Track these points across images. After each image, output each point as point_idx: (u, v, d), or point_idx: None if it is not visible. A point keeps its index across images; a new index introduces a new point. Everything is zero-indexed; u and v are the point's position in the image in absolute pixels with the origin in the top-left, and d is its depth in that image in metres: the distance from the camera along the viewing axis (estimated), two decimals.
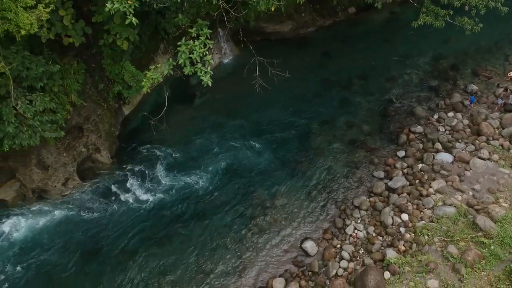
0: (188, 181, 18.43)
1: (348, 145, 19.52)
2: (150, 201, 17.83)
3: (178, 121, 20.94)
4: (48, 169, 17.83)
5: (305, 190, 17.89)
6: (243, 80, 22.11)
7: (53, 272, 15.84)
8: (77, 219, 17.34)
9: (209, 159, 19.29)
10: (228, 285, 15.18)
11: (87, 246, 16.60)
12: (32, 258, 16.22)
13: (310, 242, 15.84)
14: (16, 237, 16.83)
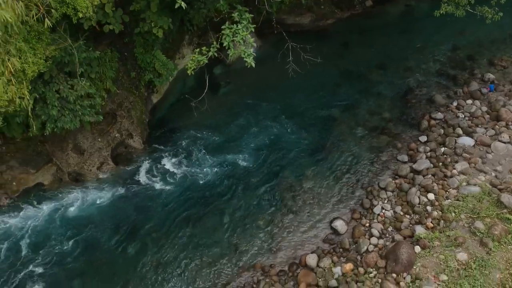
0: (216, 165, 19.08)
1: (371, 131, 20.18)
2: (181, 183, 18.48)
3: (200, 111, 21.63)
4: (84, 154, 18.50)
5: (331, 173, 18.52)
6: (266, 69, 23.04)
7: (90, 251, 16.48)
8: (111, 201, 17.99)
9: (236, 144, 19.94)
10: (262, 261, 15.82)
11: (122, 226, 17.25)
12: (68, 238, 16.85)
13: (339, 221, 16.50)
14: (53, 218, 17.49)
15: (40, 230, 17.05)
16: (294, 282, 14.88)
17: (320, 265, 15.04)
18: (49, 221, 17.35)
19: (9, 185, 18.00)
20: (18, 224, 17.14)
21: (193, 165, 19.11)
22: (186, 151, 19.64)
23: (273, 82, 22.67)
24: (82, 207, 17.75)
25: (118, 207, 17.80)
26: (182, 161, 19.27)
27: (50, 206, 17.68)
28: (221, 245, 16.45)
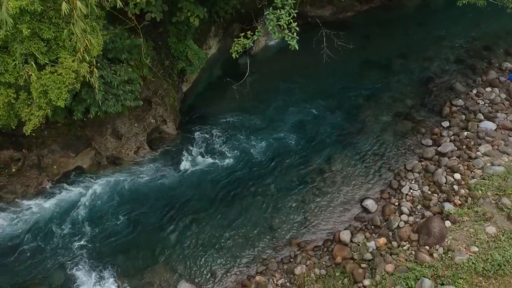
0: (247, 148, 19.87)
1: (395, 117, 20.97)
2: (214, 166, 19.26)
3: (230, 96, 22.46)
4: (121, 138, 19.28)
5: (359, 157, 19.31)
6: (288, 59, 23.89)
7: (130, 229, 17.27)
8: (148, 183, 18.76)
9: (264, 129, 20.75)
10: (297, 238, 16.61)
11: (159, 207, 18.02)
12: (108, 217, 17.63)
13: (369, 200, 17.29)
14: (93, 199, 18.26)
15: (81, 211, 17.83)
16: (329, 257, 15.65)
17: (354, 240, 15.81)
18: (89, 202, 18.11)
19: (50, 168, 18.78)
20: (60, 205, 17.92)
21: (224, 149, 19.89)
22: (216, 136, 20.42)
23: (295, 70, 23.52)
24: (120, 189, 18.51)
25: (154, 189, 18.57)
26: (213, 146, 20.06)
27: (89, 189, 18.45)
28: (257, 224, 17.23)
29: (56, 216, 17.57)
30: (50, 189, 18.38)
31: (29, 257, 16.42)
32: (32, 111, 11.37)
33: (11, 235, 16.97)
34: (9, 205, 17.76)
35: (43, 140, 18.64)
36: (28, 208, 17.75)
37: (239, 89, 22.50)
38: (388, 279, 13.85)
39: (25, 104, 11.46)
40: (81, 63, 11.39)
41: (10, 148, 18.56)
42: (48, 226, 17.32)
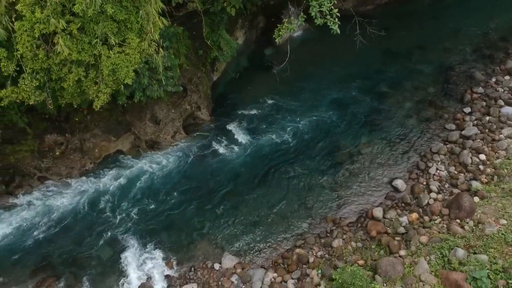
0: (277, 132, 20.83)
1: (418, 104, 21.89)
2: (247, 149, 20.22)
3: (259, 85, 23.48)
4: (159, 124, 20.22)
5: (385, 141, 20.22)
6: (310, 49, 24.85)
7: (169, 209, 18.20)
8: (184, 165, 19.71)
9: (292, 115, 21.68)
10: (330, 214, 17.52)
11: (196, 187, 18.95)
12: (147, 198, 18.58)
13: (399, 180, 18.21)
14: (133, 181, 19.18)
15: (123, 191, 18.78)
16: (364, 232, 16.57)
17: (386, 216, 16.74)
18: (130, 184, 19.06)
19: (91, 151, 19.75)
20: (103, 186, 18.88)
21: (255, 133, 20.85)
22: (247, 121, 21.38)
23: (319, 60, 24.52)
24: (159, 172, 19.47)
25: (191, 171, 19.52)
26: (245, 130, 21.00)
27: (130, 171, 19.42)
28: (291, 203, 18.15)
29: (99, 196, 18.53)
30: (93, 171, 19.37)
31: (77, 233, 17.38)
32: (100, 89, 12.26)
33: (59, 213, 17.95)
34: (55, 186, 18.74)
35: (86, 124, 19.59)
36: (73, 188, 18.74)
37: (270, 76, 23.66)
38: (423, 249, 14.76)
39: (93, 82, 12.37)
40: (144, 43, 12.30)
41: (54, 132, 19.52)
42: (93, 205, 18.29)
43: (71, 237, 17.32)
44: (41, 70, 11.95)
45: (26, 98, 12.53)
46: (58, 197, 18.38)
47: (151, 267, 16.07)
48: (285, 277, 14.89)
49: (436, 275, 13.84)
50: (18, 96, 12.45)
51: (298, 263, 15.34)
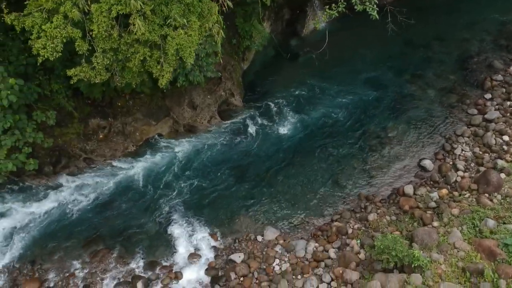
0: (306, 117, 21.96)
1: (440, 91, 22.96)
2: (279, 132, 21.32)
3: (286, 73, 24.59)
4: (197, 109, 21.29)
5: (411, 125, 21.28)
6: (337, 40, 25.78)
7: (209, 188, 19.18)
8: (220, 148, 20.73)
9: (320, 101, 22.78)
10: (363, 192, 18.56)
11: (233, 168, 19.96)
12: (186, 177, 19.56)
13: (426, 160, 19.27)
14: (172, 162, 20.19)
15: (164, 171, 19.82)
16: (396, 207, 17.61)
17: (417, 193, 17.79)
18: (170, 165, 20.10)
19: (133, 135, 20.81)
20: (145, 167, 19.91)
21: (286, 117, 21.94)
22: (277, 107, 22.46)
23: (343, 51, 25.56)
24: (197, 153, 20.51)
25: (226, 152, 20.58)
26: (276, 115, 22.09)
27: (169, 153, 20.48)
28: (324, 182, 19.19)
29: (142, 176, 19.58)
30: (135, 153, 20.43)
31: (124, 210, 18.41)
32: (164, 68, 13.31)
33: (104, 192, 18.99)
34: (100, 166, 19.80)
35: (128, 109, 20.66)
36: (117, 168, 19.78)
37: (296, 65, 24.76)
38: (454, 220, 15.82)
39: (156, 61, 13.41)
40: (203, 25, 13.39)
41: (97, 117, 20.59)
42: (136, 184, 19.34)
43: (118, 213, 18.34)
44: (110, 50, 13.01)
45: (93, 77, 13.57)
46: (103, 177, 19.40)
47: (198, 240, 17.08)
48: (326, 247, 15.93)
49: (469, 243, 14.89)
50: (86, 75, 13.50)
51: (338, 234, 16.38)
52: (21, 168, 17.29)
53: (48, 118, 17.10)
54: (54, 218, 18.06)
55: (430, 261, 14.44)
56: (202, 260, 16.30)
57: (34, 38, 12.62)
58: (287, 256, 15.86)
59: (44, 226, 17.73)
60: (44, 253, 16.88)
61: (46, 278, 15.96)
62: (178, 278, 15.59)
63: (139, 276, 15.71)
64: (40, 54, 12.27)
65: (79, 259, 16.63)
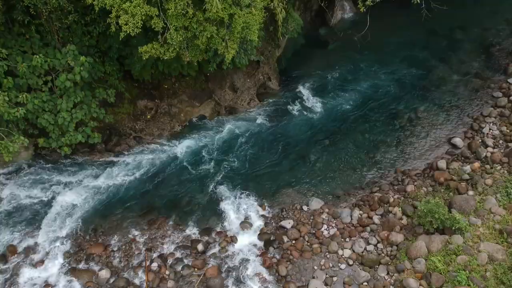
0: (340, 99, 23.26)
1: (464, 75, 24.21)
2: (316, 113, 22.61)
3: (317, 59, 25.88)
4: (237, 91, 22.57)
5: (439, 107, 22.52)
6: (362, 29, 27.00)
7: (252, 164, 20.37)
8: (261, 127, 21.97)
9: (351, 85, 24.05)
10: (396, 166, 19.79)
11: (273, 146, 21.17)
12: (230, 154, 20.75)
13: (457, 138, 20.52)
14: (217, 141, 21.35)
15: (208, 149, 21.01)
16: (431, 180, 18.83)
17: (450, 167, 19.01)
18: (214, 143, 21.27)
19: (178, 116, 22.10)
20: (190, 145, 21.15)
21: (321, 99, 23.23)
22: (311, 89, 23.78)
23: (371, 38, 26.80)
24: (239, 132, 21.72)
25: (267, 132, 21.82)
26: (311, 97, 23.38)
27: (212, 132, 21.75)
28: (361, 158, 20.43)
29: (189, 153, 20.83)
30: (181, 132, 21.75)
31: (174, 184, 19.65)
32: (229, 44, 14.57)
33: (155, 168, 20.22)
34: (149, 144, 21.07)
35: (174, 91, 21.96)
36: (165, 146, 21.05)
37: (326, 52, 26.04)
38: (489, 189, 17.10)
39: (221, 39, 14.65)
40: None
41: (144, 98, 21.92)
42: (184, 160, 20.57)
43: (168, 187, 19.56)
44: (181, 28, 14.26)
45: (162, 54, 14.84)
46: (152, 154, 20.66)
47: (247, 210, 18.32)
48: (370, 214, 17.20)
49: (505, 208, 16.19)
50: (156, 52, 14.76)
51: (380, 203, 17.63)
52: (82, 143, 18.57)
53: (108, 96, 18.34)
54: (109, 191, 19.27)
55: (468, 224, 15.74)
56: (254, 227, 17.54)
57: (113, 16, 13.87)
58: (334, 222, 17.12)
59: (101, 199, 18.96)
60: (104, 222, 18.11)
61: (109, 243, 17.20)
62: (234, 242, 16.83)
63: (198, 240, 16.97)
64: (123, 29, 13.51)
65: (137, 227, 17.85)
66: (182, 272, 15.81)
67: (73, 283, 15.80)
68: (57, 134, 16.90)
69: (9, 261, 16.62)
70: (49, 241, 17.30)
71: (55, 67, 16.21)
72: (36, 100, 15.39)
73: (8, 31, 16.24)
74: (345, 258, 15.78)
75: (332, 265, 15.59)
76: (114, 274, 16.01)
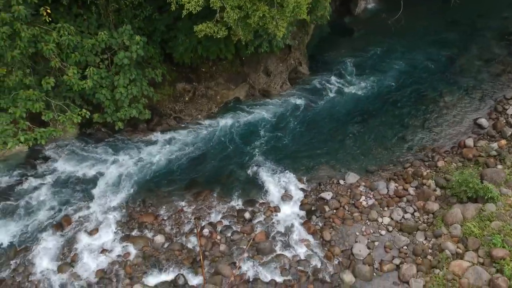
0: (368, 83, 24.19)
1: (486, 62, 25.31)
2: (346, 95, 23.58)
3: (344, 45, 26.98)
4: (270, 75, 23.61)
5: (463, 90, 23.59)
6: (384, 18, 28.18)
7: (288, 143, 21.31)
8: (294, 109, 22.96)
9: (379, 71, 25.09)
10: (426, 145, 20.85)
11: (303, 126, 22.16)
12: (266, 134, 21.66)
13: (482, 119, 21.59)
14: (252, 121, 22.35)
15: (245, 129, 22.03)
16: (459, 157, 19.89)
17: (477, 144, 20.10)
18: (250, 123, 22.26)
19: (214, 98, 23.16)
20: (227, 124, 22.15)
21: (350, 83, 24.30)
22: (340, 74, 24.84)
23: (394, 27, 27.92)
24: (272, 114, 22.74)
25: (300, 113, 22.79)
26: (340, 81, 24.44)
27: (247, 113, 22.76)
28: (391, 138, 21.43)
29: (226, 133, 21.87)
30: (218, 113, 22.78)
31: (214, 161, 20.67)
32: (279, 23, 15.62)
33: (195, 146, 21.25)
34: (189, 124, 22.13)
35: (211, 74, 23.03)
36: (204, 126, 22.11)
37: (352, 39, 27.10)
38: None
39: (271, 18, 15.69)
40: None
41: (183, 81, 22.98)
42: (222, 139, 21.58)
43: (209, 163, 20.58)
44: (235, 7, 15.32)
45: (215, 33, 15.89)
46: (192, 133, 21.69)
47: (286, 183, 19.33)
48: (405, 186, 18.26)
49: None
50: (210, 31, 15.82)
51: (414, 176, 18.69)
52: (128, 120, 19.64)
53: (156, 75, 19.40)
54: (152, 167, 20.30)
55: (500, 194, 16.80)
56: (294, 199, 18.57)
57: None
58: (371, 193, 18.18)
59: (146, 174, 19.98)
60: (151, 195, 19.13)
61: (159, 214, 18.24)
62: (277, 211, 17.88)
63: (243, 210, 18.03)
64: (185, 7, 14.56)
65: (183, 199, 18.88)
66: (232, 237, 16.86)
67: (129, 248, 16.81)
68: (112, 109, 17.92)
69: (66, 229, 17.64)
70: (101, 212, 18.31)
71: (111, 46, 17.24)
72: (95, 76, 16.42)
73: (67, 12, 17.28)
74: (384, 225, 16.84)
75: (373, 231, 16.66)
76: (168, 239, 17.05)
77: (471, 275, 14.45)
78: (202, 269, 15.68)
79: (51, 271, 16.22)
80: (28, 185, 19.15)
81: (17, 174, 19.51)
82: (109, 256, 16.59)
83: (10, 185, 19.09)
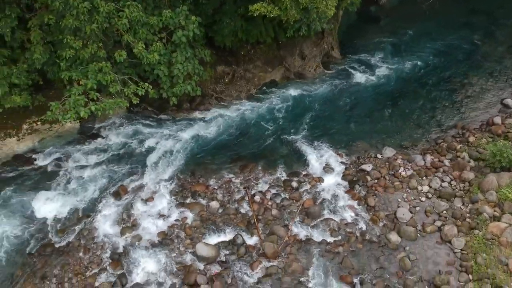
0: (398, 67, 25.59)
1: (509, 48, 26.61)
2: (378, 78, 24.93)
3: (371, 32, 28.25)
4: (305, 59, 24.84)
5: (488, 74, 24.93)
6: (409, 8, 29.49)
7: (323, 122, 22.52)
8: (328, 90, 24.26)
9: (408, 54, 26.48)
10: (456, 123, 22.06)
11: (338, 106, 23.46)
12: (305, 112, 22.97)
13: (508, 99, 22.85)
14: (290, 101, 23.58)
15: (281, 109, 23.25)
16: (489, 133, 21.12)
17: (505, 122, 21.32)
18: (286, 104, 23.51)
19: (252, 80, 24.38)
20: (266, 105, 23.38)
21: (380, 67, 25.65)
22: (371, 58, 26.29)
23: (418, 15, 29.24)
24: (307, 95, 24.00)
25: (335, 94, 24.12)
26: (371, 65, 25.84)
27: (284, 94, 24.01)
28: (422, 117, 22.67)
29: (265, 112, 23.11)
30: (256, 94, 24.02)
31: (255, 137, 21.89)
32: (329, 3, 16.86)
33: (237, 124, 22.49)
34: (230, 104, 23.36)
35: (250, 57, 24.25)
36: (244, 106, 23.35)
37: (378, 26, 28.33)
38: None
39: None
40: None
41: (222, 64, 24.18)
42: (262, 118, 22.84)
43: (251, 140, 21.75)
44: None
45: (269, 12, 17.12)
46: (233, 112, 22.92)
47: (326, 157, 20.51)
48: (441, 158, 19.49)
49: None
50: (264, 10, 17.05)
51: (448, 149, 19.92)
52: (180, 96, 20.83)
53: (205, 55, 20.60)
54: (199, 143, 21.51)
55: None
56: (335, 171, 19.78)
57: None
58: (409, 165, 19.40)
59: (193, 148, 21.18)
60: (200, 167, 20.33)
61: (209, 184, 19.44)
62: (321, 182, 19.10)
63: (289, 180, 19.25)
64: None
65: (231, 171, 20.07)
66: (282, 203, 18.09)
67: (186, 213, 18.03)
68: (168, 85, 19.14)
69: (122, 198, 18.85)
70: (154, 182, 19.50)
71: (168, 25, 18.46)
72: (155, 53, 17.63)
73: None
74: (424, 193, 18.07)
75: (414, 198, 17.89)
76: (222, 205, 18.27)
77: (509, 234, 15.68)
78: (257, 230, 16.90)
79: (114, 234, 17.41)
80: (83, 158, 20.39)
81: (72, 149, 20.76)
82: (167, 221, 17.81)
83: (66, 157, 20.32)
